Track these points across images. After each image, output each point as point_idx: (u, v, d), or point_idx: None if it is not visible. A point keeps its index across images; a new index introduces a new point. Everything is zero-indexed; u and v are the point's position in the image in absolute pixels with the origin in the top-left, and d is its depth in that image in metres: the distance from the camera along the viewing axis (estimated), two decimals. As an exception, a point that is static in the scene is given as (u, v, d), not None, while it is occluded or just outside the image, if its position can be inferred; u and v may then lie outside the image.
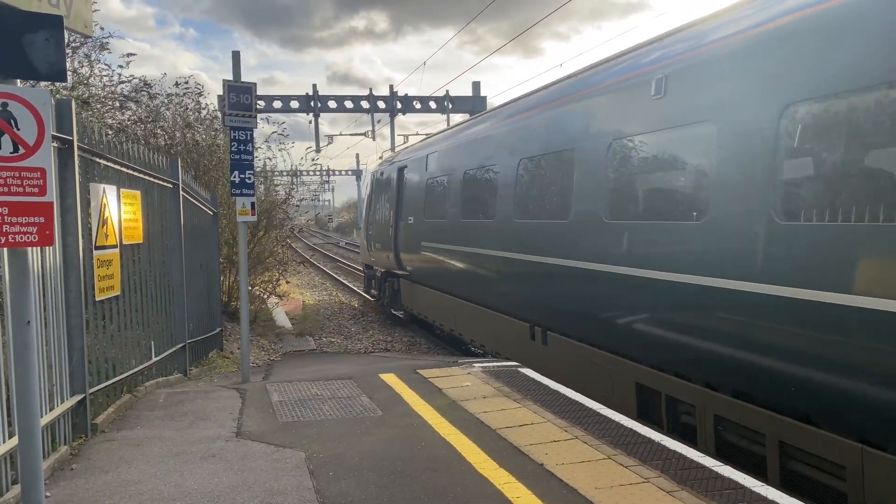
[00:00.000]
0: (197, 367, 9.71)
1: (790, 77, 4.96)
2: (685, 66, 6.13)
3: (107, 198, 6.14)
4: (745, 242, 5.29)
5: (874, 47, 4.35)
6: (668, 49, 6.56)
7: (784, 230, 4.94)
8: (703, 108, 5.83)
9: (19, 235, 3.17)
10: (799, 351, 4.88)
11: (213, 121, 15.91)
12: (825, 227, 4.62)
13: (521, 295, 9.34)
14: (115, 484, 4.50)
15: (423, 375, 7.50)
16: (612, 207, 7.09)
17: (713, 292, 5.59)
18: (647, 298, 6.48)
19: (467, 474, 4.54)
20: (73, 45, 10.63)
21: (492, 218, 10.12)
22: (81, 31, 3.72)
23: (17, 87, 3.17)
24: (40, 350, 4.62)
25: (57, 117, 5.13)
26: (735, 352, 5.47)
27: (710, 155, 5.73)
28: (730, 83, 5.56)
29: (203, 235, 11.13)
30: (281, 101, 24.64)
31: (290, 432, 5.62)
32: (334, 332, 16.31)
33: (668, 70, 6.30)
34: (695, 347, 5.95)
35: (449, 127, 15.87)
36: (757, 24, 5.41)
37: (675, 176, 6.42)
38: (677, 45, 6.45)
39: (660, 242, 6.33)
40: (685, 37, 6.43)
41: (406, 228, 14.74)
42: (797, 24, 4.98)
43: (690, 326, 6.01)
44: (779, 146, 5.02)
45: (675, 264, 6.06)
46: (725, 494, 4.09)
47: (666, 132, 6.31)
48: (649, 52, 6.91)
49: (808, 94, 4.81)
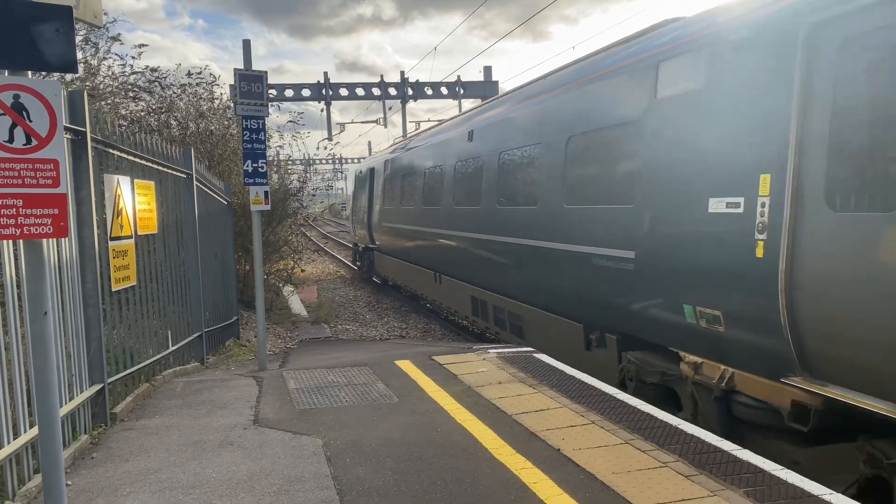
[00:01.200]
0: (214, 355, 9.78)
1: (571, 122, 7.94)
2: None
3: (121, 189, 6.16)
4: (551, 218, 8.28)
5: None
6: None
7: (568, 212, 7.88)
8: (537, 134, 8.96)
9: (34, 227, 3.18)
10: (541, 274, 8.61)
11: (227, 110, 15.92)
12: (582, 210, 7.58)
13: (428, 255, 14.20)
14: (134, 472, 4.55)
15: (439, 362, 7.51)
16: (467, 198, 11.49)
17: (520, 246, 9.22)
18: (480, 252, 10.82)
19: (484, 460, 4.54)
20: (84, 36, 10.65)
21: (412, 205, 15.13)
22: (91, 21, 3.71)
23: (28, 79, 3.17)
24: (59, 341, 4.67)
25: (70, 109, 5.14)
26: (519, 278, 9.36)
27: (538, 164, 8.72)
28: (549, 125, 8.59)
29: (217, 225, 11.17)
30: (292, 89, 24.61)
31: (307, 419, 5.65)
32: (350, 320, 16.37)
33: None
34: (495, 277, 10.36)
35: (396, 141, 20.45)
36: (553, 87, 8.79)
37: (521, 177, 9.41)
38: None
39: (506, 220, 9.74)
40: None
41: (375, 213, 19.39)
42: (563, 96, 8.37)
43: (501, 267, 10.00)
44: (567, 160, 7.96)
45: (515, 233, 9.37)
46: (744, 478, 4.06)
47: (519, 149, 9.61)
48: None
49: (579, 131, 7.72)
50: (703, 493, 3.90)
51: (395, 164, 17.49)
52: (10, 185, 3.12)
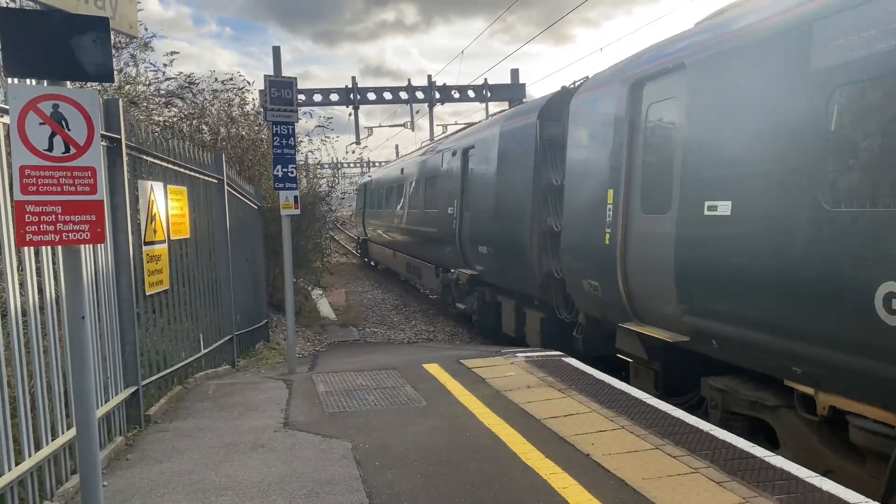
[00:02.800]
0: (244, 358, 9.89)
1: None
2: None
3: (154, 194, 6.27)
4: (452, 220, 13.64)
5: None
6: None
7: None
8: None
9: (72, 234, 3.26)
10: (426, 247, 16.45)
11: (258, 115, 16.11)
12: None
13: (388, 239, 22.30)
14: (168, 474, 4.63)
15: (467, 365, 7.51)
16: (397, 203, 19.82)
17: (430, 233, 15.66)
18: (415, 238, 17.68)
19: (513, 465, 4.54)
20: (118, 46, 10.85)
21: (380, 209, 23.79)
22: (127, 31, 3.79)
23: (67, 89, 3.25)
24: (95, 344, 4.76)
25: (105, 117, 5.26)
26: (434, 252, 15.78)
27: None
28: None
29: (248, 229, 11.31)
30: (321, 94, 24.78)
31: (337, 422, 5.69)
32: (377, 323, 16.45)
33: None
34: (416, 253, 18.20)
35: (378, 165, 32.28)
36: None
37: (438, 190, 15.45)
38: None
39: (425, 218, 16.37)
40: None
41: (364, 215, 28.42)
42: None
43: (425, 248, 16.67)
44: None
45: (434, 227, 15.12)
46: (777, 485, 4.00)
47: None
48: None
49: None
50: (736, 499, 3.85)
51: (372, 184, 27.32)
52: (50, 192, 3.20)
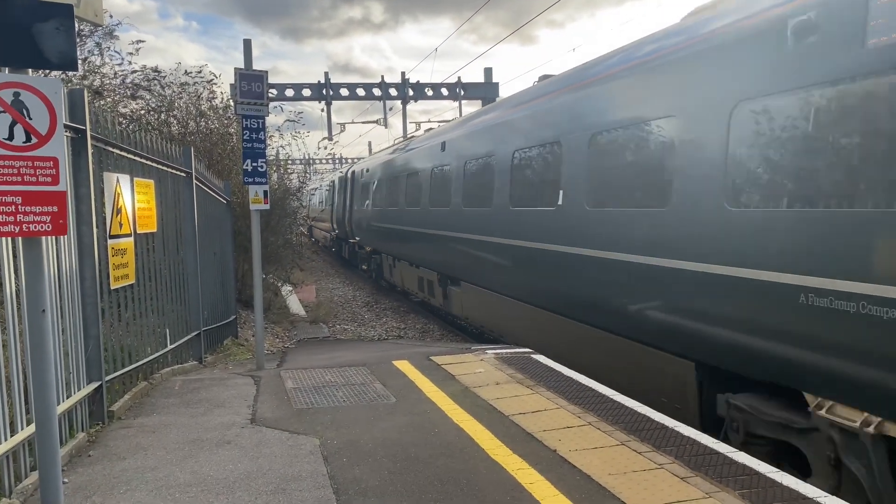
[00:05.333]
0: (212, 354, 9.78)
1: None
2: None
3: (120, 187, 6.17)
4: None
5: None
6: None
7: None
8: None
9: (33, 224, 3.19)
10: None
11: (227, 109, 15.93)
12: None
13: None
14: (131, 470, 4.55)
15: (437, 362, 7.51)
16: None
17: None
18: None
19: (480, 460, 4.55)
20: (82, 34, 10.64)
21: (328, 205, 28.05)
22: (92, 19, 3.72)
23: (29, 77, 3.18)
24: (56, 339, 4.67)
25: (70, 107, 5.15)
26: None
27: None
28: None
29: (217, 224, 11.18)
30: (293, 89, 24.59)
31: (305, 419, 5.65)
32: (348, 320, 16.38)
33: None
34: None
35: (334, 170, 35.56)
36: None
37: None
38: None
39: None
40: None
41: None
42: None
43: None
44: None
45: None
46: (739, 480, 4.07)
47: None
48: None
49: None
50: (699, 494, 3.91)
51: (317, 190, 34.52)
52: (10, 182, 3.13)
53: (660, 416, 5.34)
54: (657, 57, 6.60)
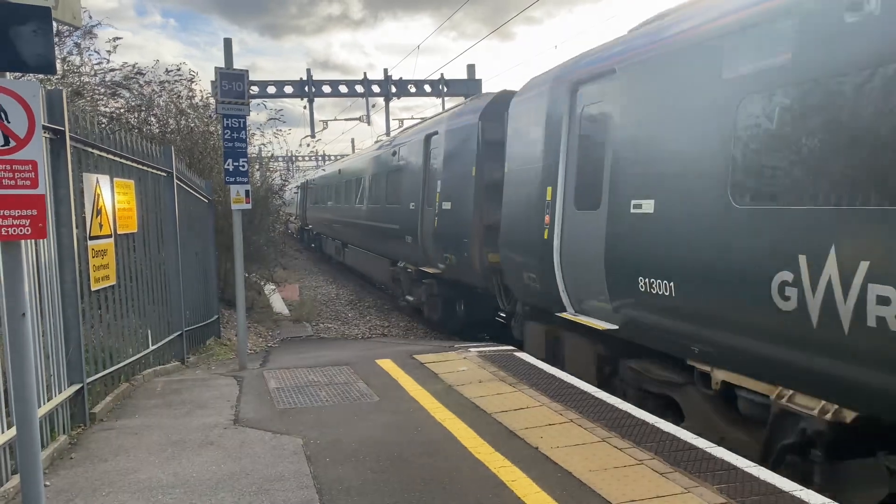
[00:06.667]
0: (195, 354, 9.73)
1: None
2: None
3: (100, 187, 6.13)
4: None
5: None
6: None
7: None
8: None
9: (12, 228, 3.17)
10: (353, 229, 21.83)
11: (207, 107, 15.80)
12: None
13: (331, 225, 26.26)
14: (113, 472, 4.55)
15: (420, 360, 7.54)
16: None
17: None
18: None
19: (463, 458, 4.59)
20: (62, 35, 10.53)
21: (322, 203, 29.18)
22: (70, 21, 3.70)
23: (6, 80, 3.16)
24: (37, 341, 4.64)
25: (48, 108, 5.11)
26: (327, 229, 27.46)
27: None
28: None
29: (198, 223, 11.11)
30: (275, 86, 24.42)
31: (288, 419, 5.66)
32: (331, 319, 16.35)
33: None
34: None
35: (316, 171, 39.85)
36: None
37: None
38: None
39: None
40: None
41: (308, 209, 33.54)
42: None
43: (327, 227, 27.55)
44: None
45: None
46: (718, 475, 4.14)
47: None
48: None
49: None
50: (678, 489, 3.98)
51: (316, 181, 33.54)
52: (-12, 186, 3.11)
53: (640, 412, 5.41)
54: None
